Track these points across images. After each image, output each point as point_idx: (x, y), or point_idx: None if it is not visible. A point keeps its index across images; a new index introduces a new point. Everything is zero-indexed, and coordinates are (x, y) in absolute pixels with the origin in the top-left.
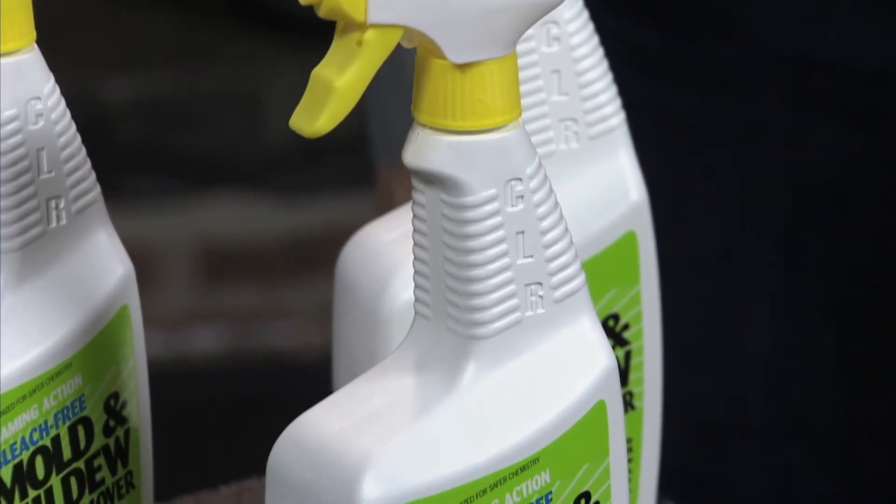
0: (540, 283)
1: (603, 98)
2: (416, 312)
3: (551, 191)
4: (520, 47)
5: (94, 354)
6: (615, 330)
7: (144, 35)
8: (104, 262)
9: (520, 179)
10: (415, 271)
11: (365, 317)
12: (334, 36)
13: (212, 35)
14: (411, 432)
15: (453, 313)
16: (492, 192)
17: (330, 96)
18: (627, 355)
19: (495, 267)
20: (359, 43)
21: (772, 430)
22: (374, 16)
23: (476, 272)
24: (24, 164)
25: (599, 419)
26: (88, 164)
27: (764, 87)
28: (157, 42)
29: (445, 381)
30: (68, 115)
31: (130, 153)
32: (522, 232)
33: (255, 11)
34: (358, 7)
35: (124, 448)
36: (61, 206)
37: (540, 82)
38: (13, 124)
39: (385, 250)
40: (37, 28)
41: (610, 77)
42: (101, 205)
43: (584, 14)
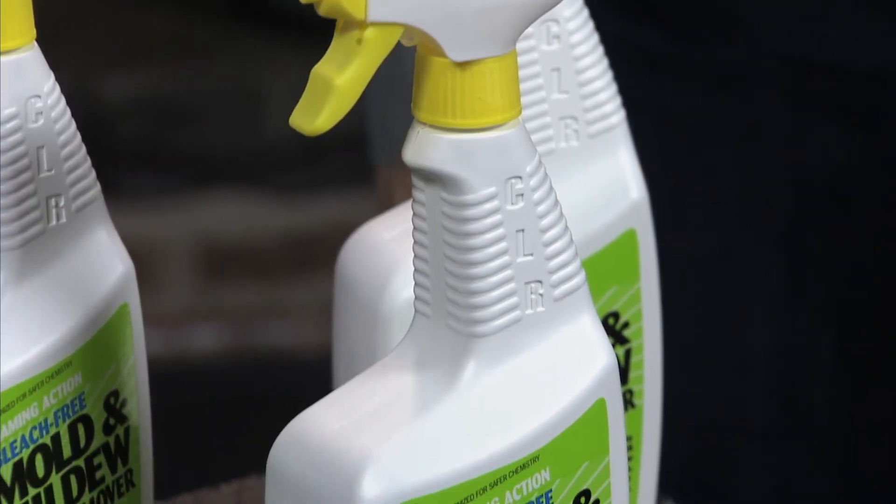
0: (540, 281)
1: (603, 96)
2: (415, 310)
3: (551, 189)
4: (520, 45)
5: (94, 352)
6: (615, 328)
7: (144, 33)
8: (104, 260)
9: (520, 177)
10: (415, 269)
11: (365, 315)
12: (334, 34)
13: (212, 33)
14: (411, 430)
15: (453, 311)
16: (492, 190)
17: (330, 94)
18: (627, 353)
19: (495, 265)
20: (359, 41)
21: (772, 430)
22: (374, 14)
23: (476, 270)
24: (24, 162)
25: (599, 417)
26: (88, 163)
27: (764, 87)
28: (156, 40)
29: (445, 379)
30: (68, 114)
31: (130, 151)
32: (522, 230)
33: (255, 9)
34: (358, 5)
35: (124, 446)
36: (61, 204)
37: (540, 80)
38: (13, 122)
39: (385, 248)
40: (37, 26)
41: (610, 75)
42: (100, 203)
43: (584, 12)
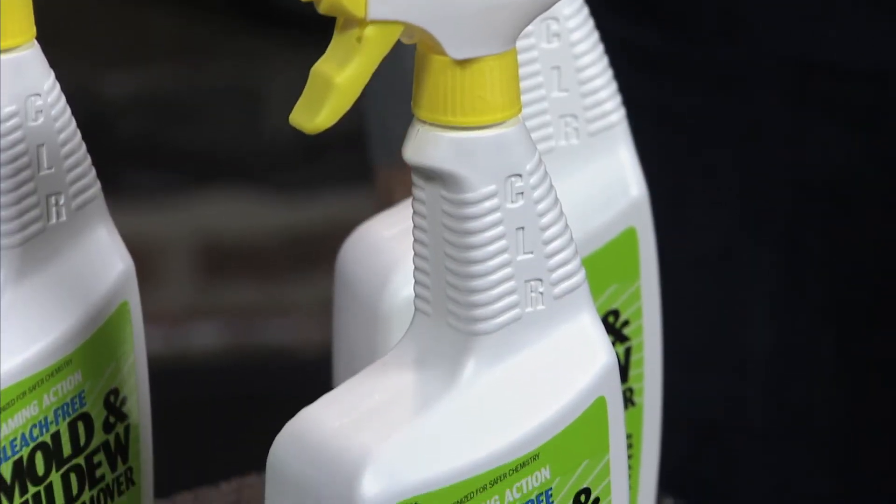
0: (540, 280)
1: (603, 94)
2: (415, 308)
3: (551, 187)
4: (520, 44)
5: (94, 351)
6: (615, 326)
7: (144, 31)
8: (104, 259)
9: (520, 176)
10: (415, 267)
11: (365, 313)
12: (334, 32)
13: (212, 31)
14: (411, 428)
15: (453, 309)
16: (492, 188)
17: (330, 92)
18: (627, 351)
19: (495, 263)
20: (359, 39)
21: (772, 430)
22: (374, 12)
23: (476, 268)
24: (24, 160)
25: (599, 415)
26: (88, 161)
27: (764, 87)
28: (156, 38)
29: (445, 378)
30: (68, 112)
31: (130, 149)
32: (522, 228)
33: (255, 7)
34: (358, 3)
35: (124, 444)
36: (61, 202)
37: (540, 78)
38: (13, 121)
39: (385, 246)
40: (37, 24)
41: (610, 73)
42: (100, 201)
43: (584, 10)
